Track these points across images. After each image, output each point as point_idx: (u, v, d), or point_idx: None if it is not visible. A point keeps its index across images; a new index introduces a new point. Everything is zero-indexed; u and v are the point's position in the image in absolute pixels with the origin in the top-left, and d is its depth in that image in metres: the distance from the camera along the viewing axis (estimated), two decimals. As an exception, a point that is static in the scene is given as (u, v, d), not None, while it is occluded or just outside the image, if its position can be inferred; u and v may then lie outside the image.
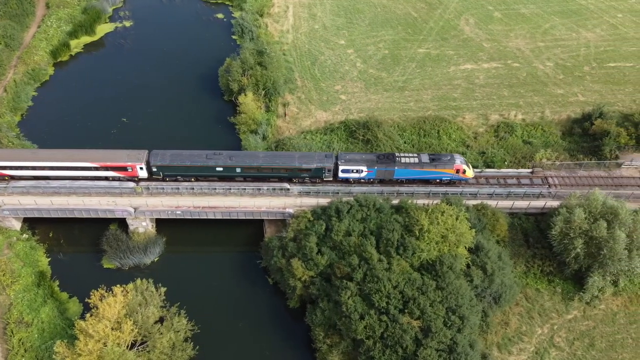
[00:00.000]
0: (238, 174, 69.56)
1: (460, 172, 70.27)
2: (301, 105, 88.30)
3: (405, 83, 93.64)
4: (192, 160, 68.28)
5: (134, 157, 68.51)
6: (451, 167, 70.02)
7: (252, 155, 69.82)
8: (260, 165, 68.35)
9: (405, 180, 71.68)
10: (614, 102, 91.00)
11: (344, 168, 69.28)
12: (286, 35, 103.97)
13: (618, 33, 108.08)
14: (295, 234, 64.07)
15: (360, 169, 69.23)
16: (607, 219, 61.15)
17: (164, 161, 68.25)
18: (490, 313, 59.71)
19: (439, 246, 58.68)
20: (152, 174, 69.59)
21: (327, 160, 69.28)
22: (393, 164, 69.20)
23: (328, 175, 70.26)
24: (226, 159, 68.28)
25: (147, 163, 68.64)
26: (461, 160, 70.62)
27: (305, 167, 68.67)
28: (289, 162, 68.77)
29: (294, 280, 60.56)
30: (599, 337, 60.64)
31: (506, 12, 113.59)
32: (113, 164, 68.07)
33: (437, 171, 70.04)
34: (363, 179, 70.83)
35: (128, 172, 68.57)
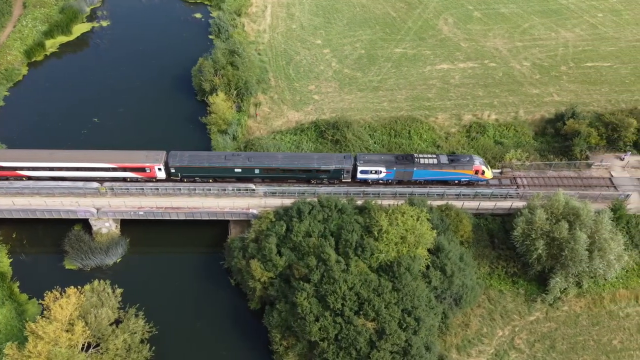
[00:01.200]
0: (256, 175, 69.39)
1: (479, 173, 69.89)
2: (273, 105, 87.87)
3: (380, 83, 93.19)
4: (211, 161, 68.25)
5: (152, 158, 68.29)
6: (470, 168, 69.61)
7: (271, 157, 69.63)
8: (278, 167, 68.27)
9: (423, 182, 71.26)
10: (589, 102, 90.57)
11: (362, 169, 69.08)
12: (262, 35, 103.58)
13: (597, 33, 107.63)
14: (256, 235, 63.64)
15: (379, 169, 69.04)
16: (569, 220, 60.66)
17: (182, 162, 68.04)
18: (450, 314, 59.24)
19: (398, 247, 58.22)
20: (170, 175, 69.42)
21: (346, 162, 69.18)
22: (412, 165, 68.95)
23: (347, 177, 70.11)
24: (245, 160, 68.12)
25: (166, 164, 68.42)
26: (480, 161, 70.21)
27: (323, 169, 68.65)
28: (307, 163, 68.62)
29: (253, 281, 60.15)
30: (561, 338, 60.16)
31: (486, 12, 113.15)
32: (131, 165, 67.86)
33: (456, 172, 69.63)
34: (381, 180, 70.60)
35: (146, 173, 68.50)
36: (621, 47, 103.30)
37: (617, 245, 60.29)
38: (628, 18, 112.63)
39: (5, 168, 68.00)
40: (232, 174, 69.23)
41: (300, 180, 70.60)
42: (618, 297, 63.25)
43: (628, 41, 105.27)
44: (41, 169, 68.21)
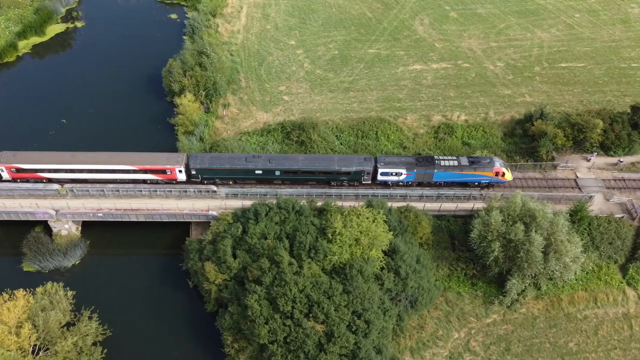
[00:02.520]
0: (277, 177, 69.47)
1: (499, 175, 69.67)
2: (242, 106, 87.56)
3: (352, 84, 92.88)
4: (232, 163, 68.29)
5: (173, 160, 68.63)
6: (490, 170, 69.33)
7: (292, 158, 69.57)
8: (299, 169, 68.36)
9: (443, 184, 71.22)
10: (560, 102, 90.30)
11: (383, 171, 69.07)
12: (236, 35, 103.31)
13: (573, 33, 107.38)
14: (213, 237, 63.34)
15: (399, 171, 69.02)
16: (525, 222, 60.35)
17: (203, 164, 68.14)
18: (405, 317, 58.93)
19: (351, 249, 57.87)
20: (191, 177, 69.56)
21: (367, 164, 69.20)
22: (432, 166, 68.94)
23: (367, 179, 70.17)
24: (265, 162, 68.21)
25: (186, 166, 68.62)
26: (500, 163, 69.96)
27: (344, 170, 68.77)
28: (328, 165, 68.82)
29: (208, 283, 59.88)
30: (517, 341, 59.83)
31: (463, 12, 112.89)
32: (153, 167, 68.13)
33: (477, 174, 69.46)
34: (402, 181, 70.54)
35: (167, 175, 68.82)
36: (596, 48, 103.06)
37: (574, 247, 59.90)
38: (605, 18, 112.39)
39: (27, 170, 68.55)
40: (253, 175, 69.16)
41: (321, 182, 70.70)
42: (576, 299, 62.93)
43: (604, 41, 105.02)
44: (62, 171, 68.75)
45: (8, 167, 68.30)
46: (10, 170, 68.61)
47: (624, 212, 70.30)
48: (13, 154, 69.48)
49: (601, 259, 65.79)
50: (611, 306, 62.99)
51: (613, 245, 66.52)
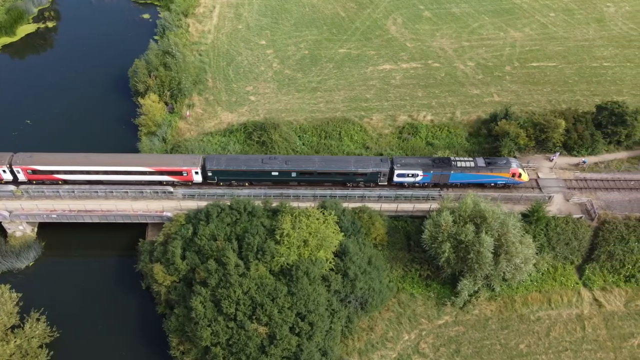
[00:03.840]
0: (293, 179, 69.50)
1: (516, 176, 69.57)
2: (207, 107, 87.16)
3: (319, 84, 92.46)
4: (248, 164, 68.31)
5: (189, 162, 68.67)
6: (507, 171, 69.22)
7: (308, 160, 69.63)
8: (315, 170, 68.30)
9: (459, 184, 71.13)
10: (529, 102, 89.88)
11: (399, 172, 68.83)
12: (206, 35, 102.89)
13: (547, 32, 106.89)
14: (165, 238, 62.98)
15: (415, 173, 68.83)
16: (476, 223, 59.95)
17: (220, 166, 68.21)
18: (355, 319, 58.53)
19: (299, 250, 57.47)
20: (207, 179, 69.59)
21: (383, 165, 69.03)
22: (449, 167, 68.71)
23: (383, 180, 69.96)
24: (282, 163, 68.09)
25: (203, 168, 68.67)
26: (516, 164, 69.88)
27: (360, 172, 68.66)
28: (344, 166, 68.79)
29: (157, 285, 59.52)
30: (467, 343, 59.42)
31: (437, 12, 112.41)
32: (169, 168, 68.22)
33: (493, 175, 69.33)
34: (418, 183, 70.34)
35: (183, 176, 68.84)
36: (569, 47, 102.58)
37: (526, 248, 59.50)
38: (580, 17, 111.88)
39: (43, 172, 68.72)
40: (269, 177, 69.11)
41: (337, 183, 70.59)
42: (530, 301, 62.53)
43: (577, 41, 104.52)
44: (78, 173, 69.02)
45: (24, 168, 68.39)
46: (26, 172, 68.78)
47: (583, 212, 69.89)
48: (29, 155, 69.47)
49: (557, 260, 65.39)
50: (565, 307, 62.59)
51: (570, 246, 66.11)
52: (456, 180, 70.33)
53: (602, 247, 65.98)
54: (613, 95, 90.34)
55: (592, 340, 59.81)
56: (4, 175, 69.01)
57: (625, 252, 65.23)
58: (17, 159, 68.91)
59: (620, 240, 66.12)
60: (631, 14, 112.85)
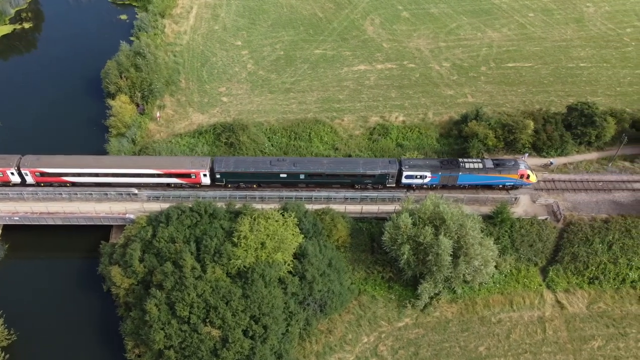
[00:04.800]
0: (301, 181, 69.59)
1: (524, 177, 69.43)
2: (179, 108, 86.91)
3: (293, 85, 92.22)
4: (256, 167, 68.50)
5: (197, 164, 68.89)
6: (515, 173, 69.09)
7: (316, 162, 69.85)
8: (324, 172, 68.36)
9: (467, 186, 70.75)
10: (502, 103, 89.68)
11: (407, 174, 68.79)
12: (182, 36, 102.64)
13: (525, 33, 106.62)
14: (126, 240, 62.72)
15: (424, 174, 68.76)
16: (435, 225, 59.68)
17: (228, 168, 68.46)
18: (314, 321, 58.29)
19: (257, 253, 57.20)
20: (215, 181, 69.71)
21: (391, 166, 69.17)
22: (457, 169, 68.71)
23: (391, 182, 69.98)
24: (290, 165, 68.32)
25: (211, 170, 68.87)
26: (525, 165, 70.05)
27: (369, 174, 68.71)
28: (353, 168, 68.86)
29: (115, 287, 59.24)
30: (426, 345, 59.16)
31: (415, 12, 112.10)
32: (177, 170, 68.43)
33: (502, 177, 69.23)
34: (426, 184, 70.22)
35: (191, 179, 69.12)
36: (546, 47, 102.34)
37: (486, 250, 59.21)
38: (559, 18, 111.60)
39: (51, 174, 68.76)
40: (278, 179, 69.14)
41: (345, 185, 70.53)
42: (492, 303, 62.29)
43: (554, 41, 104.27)
44: (86, 175, 68.85)
45: (33, 171, 68.57)
46: (34, 174, 68.91)
47: (550, 213, 69.67)
48: (37, 157, 69.57)
49: (520, 262, 65.13)
50: (527, 310, 62.32)
51: (534, 248, 65.88)
52: (464, 181, 70.08)
53: (567, 248, 65.77)
54: (588, 95, 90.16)
55: (552, 343, 59.55)
56: (12, 177, 69.03)
57: (589, 253, 65.00)
58: (26, 161, 68.83)
59: (585, 241, 65.90)
60: (610, 14, 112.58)
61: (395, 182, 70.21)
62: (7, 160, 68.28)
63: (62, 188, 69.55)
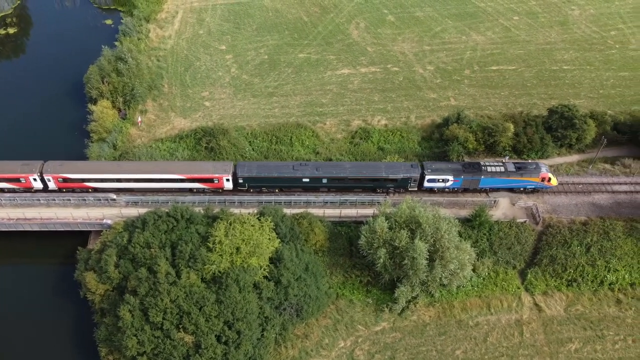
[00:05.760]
0: (324, 185, 69.54)
1: (545, 180, 69.40)
2: (161, 112, 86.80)
3: (276, 89, 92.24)
4: (279, 171, 68.59)
5: (220, 169, 68.98)
6: (537, 176, 69.09)
7: (339, 166, 70.04)
8: (347, 176, 68.41)
9: (489, 189, 70.85)
10: (485, 106, 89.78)
11: (430, 178, 69.02)
12: (167, 40, 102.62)
13: (509, 36, 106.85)
14: (102, 246, 62.49)
15: (446, 178, 68.88)
16: (411, 229, 59.60)
17: (251, 173, 68.59)
18: (290, 326, 58.08)
19: (232, 257, 57.03)
20: (238, 186, 69.86)
21: (414, 171, 69.29)
22: (479, 172, 68.83)
23: (413, 186, 70.12)
24: (313, 169, 68.34)
25: (234, 174, 68.99)
26: (546, 168, 70.12)
27: (391, 178, 68.76)
28: (375, 172, 68.92)
29: (91, 294, 58.98)
30: (403, 349, 58.98)
31: (400, 16, 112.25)
32: (200, 175, 68.49)
33: (524, 180, 69.33)
34: (448, 188, 70.39)
35: (214, 183, 69.20)
36: (530, 50, 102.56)
37: (462, 253, 59.13)
38: (543, 21, 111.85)
39: (74, 180, 68.75)
40: (300, 183, 69.18)
41: (367, 189, 70.66)
42: (469, 306, 62.16)
43: (538, 44, 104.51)
44: (109, 181, 68.82)
45: (55, 176, 68.55)
46: (57, 180, 68.88)
47: (529, 216, 69.68)
48: (60, 163, 69.76)
49: (499, 265, 65.05)
50: (505, 312, 62.22)
51: (512, 251, 65.83)
52: (486, 185, 70.21)
53: (545, 251, 65.76)
54: (570, 98, 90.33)
55: (530, 346, 59.42)
56: (35, 183, 69.00)
57: (568, 256, 65.00)
58: (48, 167, 68.91)
59: (563, 244, 65.91)
60: (595, 17, 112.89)
61: (417, 186, 70.22)
62: (30, 167, 68.32)
63: (40, 194, 69.18)
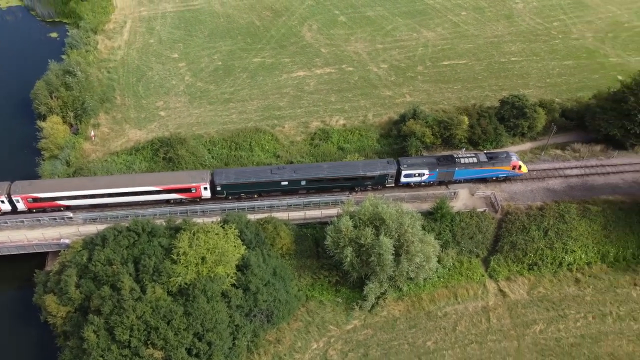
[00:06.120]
0: (302, 187, 69.56)
1: (516, 168, 71.27)
2: (114, 125, 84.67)
3: (232, 95, 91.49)
4: (257, 176, 68.02)
5: (197, 178, 67.79)
6: (508, 164, 70.81)
7: (316, 167, 69.97)
8: (325, 177, 68.48)
9: (463, 180, 71.95)
10: (440, 100, 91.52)
11: (406, 173, 69.76)
12: (116, 51, 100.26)
13: (458, 31, 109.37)
14: (61, 267, 60.41)
15: (422, 172, 69.74)
16: (375, 225, 60.16)
17: (229, 179, 67.54)
18: (261, 332, 57.62)
19: (198, 268, 56.13)
20: (216, 194, 68.76)
21: (390, 167, 69.87)
22: (453, 165, 70.08)
23: (390, 182, 70.85)
24: (291, 172, 68.27)
25: (211, 182, 67.84)
26: (516, 157, 71.80)
27: (369, 175, 69.20)
28: (353, 171, 69.26)
29: (52, 317, 56.85)
30: (375, 345, 59.44)
31: (352, 16, 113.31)
32: (177, 186, 67.15)
33: (495, 169, 70.85)
34: (424, 182, 71.48)
35: (192, 193, 68.07)
36: (479, 44, 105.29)
37: (427, 246, 60.08)
38: (490, 15, 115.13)
39: (44, 199, 65.94)
40: (279, 187, 69.06)
41: (345, 188, 70.99)
42: (437, 297, 63.23)
43: (486, 38, 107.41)
44: (83, 197, 66.31)
45: (25, 197, 65.62)
46: (26, 201, 65.87)
47: (488, 205, 71.48)
48: (28, 183, 66.84)
49: (462, 255, 66.45)
50: (471, 301, 63.60)
51: (474, 240, 67.36)
52: (461, 176, 71.79)
53: (506, 237, 67.56)
54: (520, 88, 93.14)
55: (497, 331, 60.92)
56: (3, 205, 65.77)
57: (527, 241, 66.98)
58: (16, 187, 65.93)
59: (522, 230, 67.89)
60: (538, 9, 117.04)
61: (394, 181, 71.23)
62: None
63: (6, 216, 66.28)
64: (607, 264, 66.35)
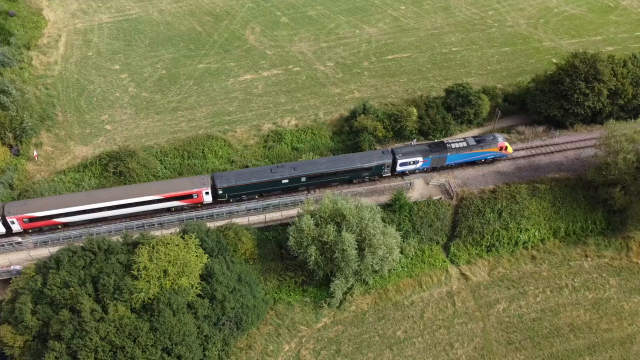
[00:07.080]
0: (303, 184, 70.42)
1: (503, 149, 74.22)
2: (58, 143, 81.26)
3: (180, 103, 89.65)
4: (258, 176, 68.48)
5: (198, 183, 67.41)
6: (495, 146, 73.86)
7: (315, 163, 70.95)
8: (324, 172, 69.68)
9: (454, 165, 74.43)
10: (387, 94, 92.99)
11: (402, 161, 71.81)
12: (53, 67, 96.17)
13: (399, 25, 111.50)
14: (14, 295, 57.40)
15: (416, 159, 71.80)
16: (337, 222, 60.51)
17: (230, 182, 67.66)
18: (231, 340, 56.82)
19: (160, 281, 54.71)
20: (217, 197, 68.63)
21: (386, 157, 72.00)
22: (445, 150, 72.68)
23: (387, 171, 73.00)
24: (290, 170, 68.93)
25: (213, 187, 67.68)
26: (502, 138, 75.00)
27: (366, 166, 71.01)
28: (351, 164, 70.78)
29: (8, 348, 53.95)
30: (347, 340, 59.86)
31: (293, 16, 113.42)
32: (178, 193, 66.32)
33: (484, 151, 73.75)
34: (419, 169, 73.75)
35: (194, 199, 67.74)
36: (420, 37, 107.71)
37: (389, 238, 60.93)
38: (428, 8, 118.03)
39: (41, 218, 63.66)
40: (280, 185, 69.65)
41: (344, 182, 72.71)
42: (403, 287, 64.35)
43: (427, 30, 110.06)
44: (81, 213, 64.40)
45: (20, 217, 62.88)
46: (22, 221, 63.27)
47: (443, 192, 73.30)
48: (22, 203, 64.40)
49: (423, 243, 67.84)
50: (436, 287, 65.07)
51: (433, 227, 68.91)
52: (452, 161, 74.14)
53: (463, 222, 69.52)
54: (463, 77, 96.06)
55: (463, 314, 62.63)
56: None
57: (483, 223, 69.15)
58: (10, 208, 62.79)
59: (478, 213, 70.04)
60: (473, 0, 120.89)
61: (390, 171, 73.11)
62: None
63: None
64: (559, 239, 69.40)
